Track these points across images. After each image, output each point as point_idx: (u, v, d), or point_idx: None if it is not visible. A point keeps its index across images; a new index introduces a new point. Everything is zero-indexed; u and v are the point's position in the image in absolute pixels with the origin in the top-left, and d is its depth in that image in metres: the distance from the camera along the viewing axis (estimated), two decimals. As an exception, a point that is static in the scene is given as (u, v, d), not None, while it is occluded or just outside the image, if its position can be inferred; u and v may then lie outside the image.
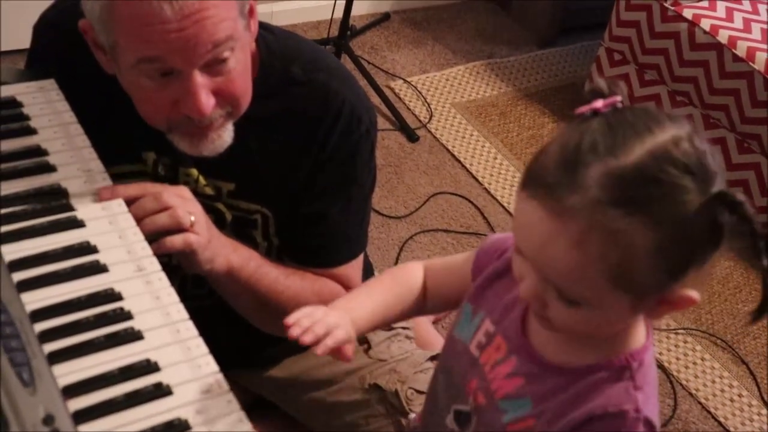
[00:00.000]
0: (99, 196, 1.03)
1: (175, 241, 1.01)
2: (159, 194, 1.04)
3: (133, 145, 1.15)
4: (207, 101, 1.00)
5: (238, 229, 1.20)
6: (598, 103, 0.78)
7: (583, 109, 0.79)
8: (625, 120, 0.77)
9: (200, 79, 0.99)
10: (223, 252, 1.09)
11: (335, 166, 1.17)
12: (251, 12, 1.07)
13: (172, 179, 1.16)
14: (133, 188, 1.05)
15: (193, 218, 1.03)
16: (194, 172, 1.16)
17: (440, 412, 1.03)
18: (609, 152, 0.73)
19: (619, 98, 0.79)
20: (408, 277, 1.08)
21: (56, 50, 1.17)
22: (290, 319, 0.91)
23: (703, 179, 0.74)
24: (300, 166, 1.16)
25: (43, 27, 1.19)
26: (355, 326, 0.98)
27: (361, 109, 1.17)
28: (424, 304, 1.09)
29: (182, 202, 1.04)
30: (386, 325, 1.09)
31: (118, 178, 1.15)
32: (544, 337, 0.89)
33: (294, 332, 0.90)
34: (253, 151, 1.14)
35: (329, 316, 0.94)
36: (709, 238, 0.75)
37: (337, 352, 0.94)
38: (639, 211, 0.72)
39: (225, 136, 1.07)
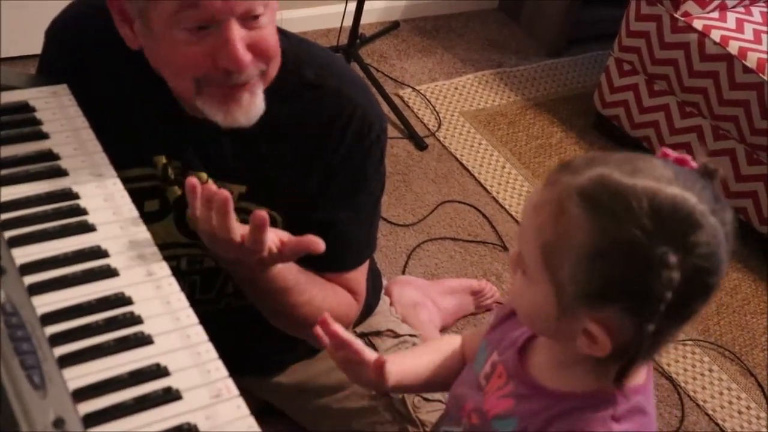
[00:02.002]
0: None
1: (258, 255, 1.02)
2: (229, 240, 1.02)
3: (144, 148, 1.15)
4: (244, 53, 1.01)
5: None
6: (671, 154, 0.82)
7: (658, 154, 0.83)
8: (668, 165, 0.80)
9: (238, 30, 1.00)
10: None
11: (346, 172, 1.17)
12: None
13: (182, 183, 1.17)
14: (221, 244, 1.04)
15: (268, 243, 1.03)
16: (204, 175, 1.16)
17: None
18: (623, 169, 0.78)
19: (689, 159, 0.82)
20: (449, 347, 1.13)
21: (68, 55, 1.18)
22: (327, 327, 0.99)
23: (662, 235, 0.75)
24: (311, 170, 1.16)
25: (55, 32, 1.20)
26: (398, 384, 1.05)
27: (372, 114, 1.18)
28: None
29: (258, 235, 1.02)
30: (429, 389, 1.17)
31: (127, 181, 1.15)
32: (541, 363, 0.93)
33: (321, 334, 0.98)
34: (264, 154, 1.14)
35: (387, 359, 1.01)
36: (635, 286, 0.76)
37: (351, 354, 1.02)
38: (595, 215, 0.76)
39: (258, 101, 1.07)
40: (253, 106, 1.06)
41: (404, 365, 1.07)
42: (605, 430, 0.84)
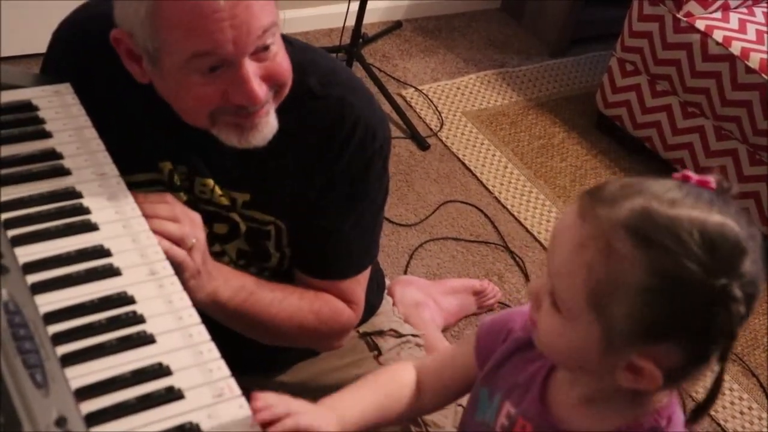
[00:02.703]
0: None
1: (174, 249, 1.01)
2: (174, 206, 1.05)
3: (150, 154, 1.15)
4: (260, 88, 1.01)
5: (252, 240, 1.21)
6: (693, 177, 0.79)
7: (678, 175, 0.80)
8: (698, 192, 0.77)
9: (251, 66, 1.00)
10: (209, 285, 1.09)
11: (348, 181, 1.17)
12: None
13: (188, 188, 1.17)
14: (155, 195, 1.05)
15: (194, 241, 1.04)
16: (210, 182, 1.16)
17: None
18: (661, 199, 0.75)
19: (711, 180, 0.79)
20: (398, 378, 1.08)
21: (74, 58, 1.17)
22: (258, 402, 0.87)
23: (718, 267, 0.73)
24: (314, 179, 1.16)
25: (62, 34, 1.20)
26: (343, 424, 0.96)
27: (376, 124, 1.17)
28: (419, 403, 1.08)
29: (191, 225, 1.05)
30: (380, 426, 1.07)
31: (133, 186, 1.15)
32: (566, 407, 0.89)
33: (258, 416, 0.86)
34: (268, 163, 1.14)
35: (307, 412, 0.90)
36: (696, 322, 0.74)
37: None
38: (646, 251, 0.74)
39: (272, 121, 1.08)
40: (267, 128, 1.07)
41: (344, 408, 1.00)
42: None
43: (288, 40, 1.17)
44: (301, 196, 1.17)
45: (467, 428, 1.04)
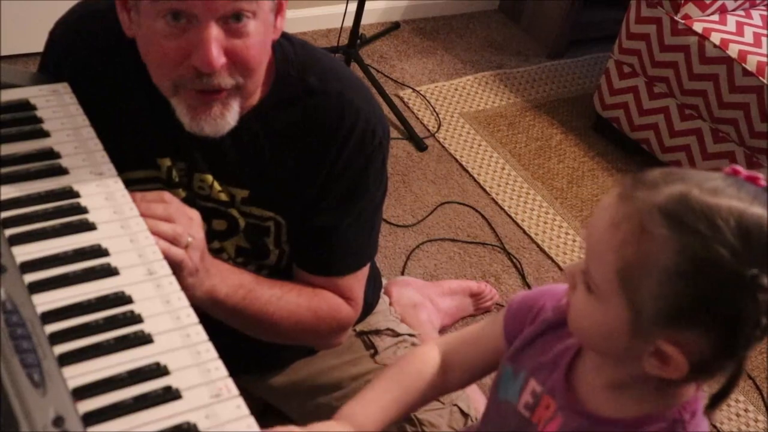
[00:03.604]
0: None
1: (171, 249, 1.01)
2: (170, 205, 1.04)
3: (148, 150, 1.15)
4: (218, 55, 0.98)
5: (251, 237, 1.21)
6: (742, 171, 0.80)
7: (728, 169, 0.80)
8: (744, 185, 0.78)
9: (215, 31, 0.98)
10: (207, 282, 1.09)
11: (348, 178, 1.17)
12: (280, 9, 1.07)
13: (187, 185, 1.17)
14: (152, 194, 1.05)
15: (190, 240, 1.04)
16: (209, 177, 1.16)
17: None
18: (703, 187, 0.76)
19: (761, 177, 0.80)
20: (417, 364, 1.07)
21: (73, 56, 1.17)
22: None
23: (751, 256, 0.73)
24: (314, 175, 1.16)
25: (59, 33, 1.20)
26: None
27: (375, 121, 1.18)
28: (445, 382, 1.08)
29: (188, 223, 1.05)
30: (406, 415, 1.09)
31: (131, 183, 1.15)
32: (591, 389, 0.90)
33: None
34: (267, 159, 1.14)
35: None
36: (722, 309, 0.74)
37: None
38: (678, 234, 0.74)
39: (228, 116, 1.05)
40: (222, 120, 1.05)
41: (362, 415, 1.02)
42: None
43: (288, 38, 1.17)
44: (300, 192, 1.17)
45: (490, 408, 1.04)
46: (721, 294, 0.73)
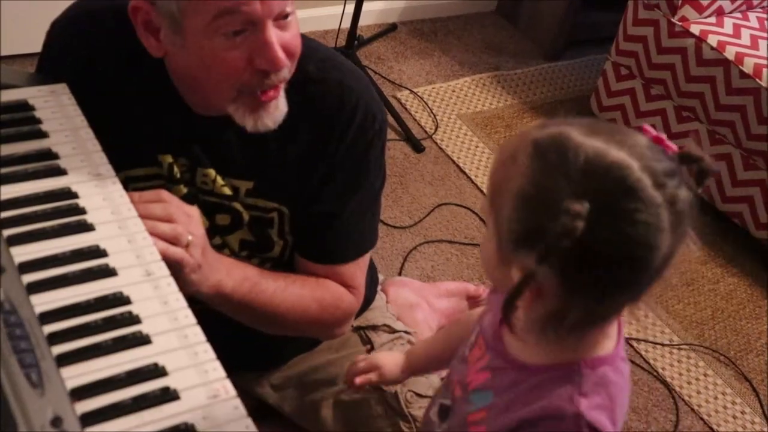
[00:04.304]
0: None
1: (170, 249, 1.02)
2: (168, 205, 1.05)
3: (149, 148, 1.16)
4: (282, 53, 1.03)
5: (255, 229, 1.21)
6: (650, 131, 0.81)
7: (646, 128, 0.82)
8: (640, 142, 0.79)
9: (274, 31, 1.02)
10: (213, 277, 1.10)
11: (350, 163, 1.18)
12: None
13: (190, 180, 1.17)
14: (149, 193, 1.06)
15: (190, 238, 1.04)
16: (212, 172, 1.16)
17: (431, 407, 1.07)
18: (585, 129, 0.78)
19: (663, 137, 0.81)
20: (460, 330, 1.15)
21: (70, 55, 1.18)
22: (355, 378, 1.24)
23: (584, 191, 0.74)
24: (316, 162, 1.17)
25: (56, 32, 1.20)
26: (410, 364, 1.23)
27: (375, 107, 1.19)
28: None
29: (187, 221, 1.05)
30: (445, 362, 1.16)
31: (133, 181, 1.16)
32: (517, 335, 0.90)
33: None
34: (271, 149, 1.15)
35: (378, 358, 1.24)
36: (541, 230, 0.75)
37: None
38: (534, 161, 0.77)
39: (281, 104, 1.10)
40: (278, 111, 1.10)
41: (420, 356, 1.22)
42: (572, 410, 0.83)
43: None
44: (303, 180, 1.18)
45: (456, 351, 1.07)
46: (541, 216, 0.75)
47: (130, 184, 1.15)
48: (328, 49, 1.25)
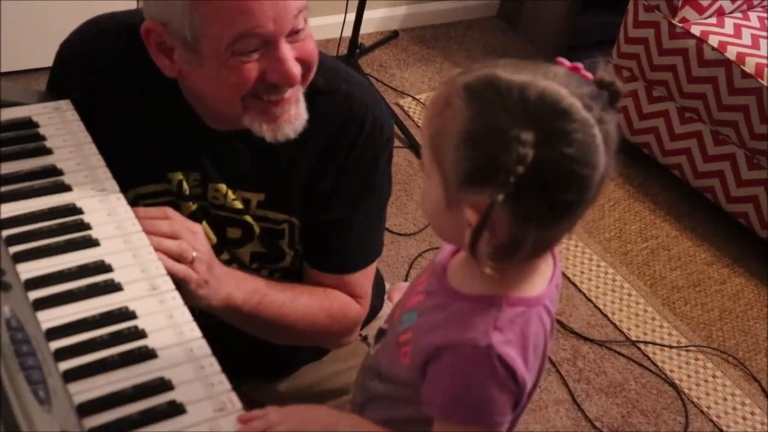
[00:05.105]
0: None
1: (175, 266, 1.03)
2: (173, 221, 1.06)
3: (158, 165, 1.16)
4: (297, 68, 1.05)
5: (266, 241, 1.22)
6: (565, 63, 0.86)
7: (561, 60, 0.87)
8: (558, 72, 0.84)
9: (287, 47, 1.03)
10: (222, 291, 1.11)
11: (358, 174, 1.19)
12: None
13: (201, 195, 1.18)
14: (155, 210, 1.07)
15: (195, 254, 1.05)
16: (223, 186, 1.17)
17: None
18: (508, 68, 0.82)
19: (579, 66, 0.87)
20: None
21: (81, 74, 1.18)
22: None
23: (526, 121, 0.78)
24: (326, 173, 1.18)
25: (67, 52, 1.21)
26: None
27: (383, 117, 1.20)
28: None
29: (192, 237, 1.06)
30: None
31: (143, 198, 1.16)
32: (456, 264, 0.94)
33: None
34: (280, 162, 1.17)
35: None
36: (493, 162, 0.78)
37: None
38: (470, 102, 0.80)
39: (301, 111, 1.11)
40: (297, 118, 1.10)
41: None
42: (485, 341, 0.84)
43: None
44: (312, 190, 1.19)
45: None
46: (491, 149, 0.79)
47: (140, 201, 1.16)
48: (336, 60, 1.26)
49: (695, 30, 2.36)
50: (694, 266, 2.36)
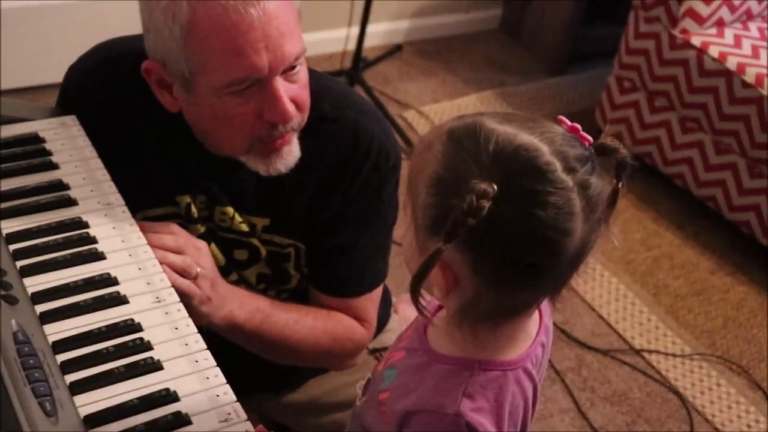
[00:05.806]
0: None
1: (179, 280, 1.04)
2: (178, 237, 1.08)
3: (167, 188, 1.18)
4: (291, 106, 1.06)
5: (272, 263, 1.23)
6: (566, 122, 0.81)
7: (563, 119, 0.82)
8: (557, 133, 0.79)
9: (282, 85, 1.04)
10: (225, 308, 1.12)
11: (363, 201, 1.20)
12: None
13: (208, 217, 1.19)
14: (160, 224, 1.09)
15: (199, 270, 1.07)
16: (230, 210, 1.19)
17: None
18: (499, 118, 0.78)
19: (578, 127, 0.82)
20: None
21: (89, 98, 1.20)
22: None
23: (492, 174, 0.74)
24: (331, 200, 1.19)
25: (75, 77, 1.22)
26: None
27: (389, 145, 1.21)
28: None
29: (196, 254, 1.08)
30: None
31: (151, 220, 1.18)
32: (439, 323, 0.89)
33: None
34: (286, 187, 1.17)
35: None
36: (448, 211, 0.75)
37: None
38: (447, 148, 0.77)
39: (294, 150, 1.12)
40: (291, 156, 1.12)
41: None
42: (453, 408, 0.81)
43: None
44: (317, 216, 1.20)
45: None
46: (449, 197, 0.75)
47: (144, 221, 1.17)
48: (344, 86, 1.27)
49: (696, 41, 2.38)
50: (697, 275, 2.36)
